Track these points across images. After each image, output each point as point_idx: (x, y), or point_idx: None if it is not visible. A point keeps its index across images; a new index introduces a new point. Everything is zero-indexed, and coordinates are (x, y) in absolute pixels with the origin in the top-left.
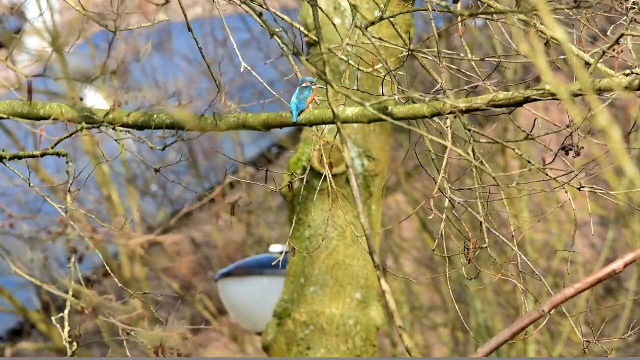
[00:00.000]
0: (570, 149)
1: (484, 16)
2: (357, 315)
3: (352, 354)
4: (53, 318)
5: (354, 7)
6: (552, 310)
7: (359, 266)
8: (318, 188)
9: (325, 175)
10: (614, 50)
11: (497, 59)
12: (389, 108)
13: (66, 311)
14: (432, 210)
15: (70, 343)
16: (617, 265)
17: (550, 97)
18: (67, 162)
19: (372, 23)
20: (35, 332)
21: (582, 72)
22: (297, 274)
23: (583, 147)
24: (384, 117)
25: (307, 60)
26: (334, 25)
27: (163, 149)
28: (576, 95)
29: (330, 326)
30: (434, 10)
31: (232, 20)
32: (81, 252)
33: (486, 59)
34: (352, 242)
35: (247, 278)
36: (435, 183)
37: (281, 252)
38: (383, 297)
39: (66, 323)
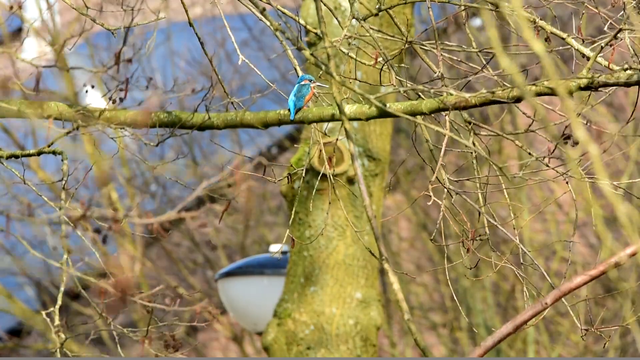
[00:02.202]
0: (569, 138)
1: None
2: (357, 315)
3: (352, 354)
4: (43, 313)
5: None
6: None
7: (359, 266)
8: (317, 188)
9: (325, 175)
10: (611, 45)
11: (495, 51)
12: (388, 105)
13: (57, 306)
14: (430, 196)
15: (57, 333)
16: (620, 257)
17: (548, 93)
18: (62, 160)
19: (373, 14)
20: (35, 332)
21: (554, 75)
22: (297, 274)
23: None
24: (386, 109)
25: (312, 54)
26: (338, 20)
27: (157, 145)
28: (572, 92)
29: (330, 326)
30: (432, 1)
31: (231, 19)
32: (104, 234)
33: (484, 50)
34: (353, 242)
35: (247, 278)
36: (434, 172)
37: (282, 252)
38: (384, 296)
39: (56, 317)
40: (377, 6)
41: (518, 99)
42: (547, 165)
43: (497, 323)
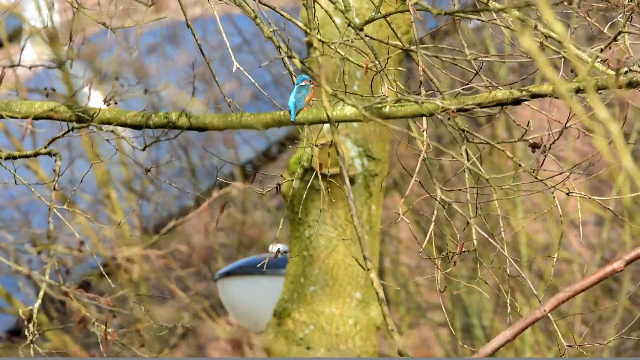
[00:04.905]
0: (537, 147)
1: (474, 16)
2: (357, 315)
3: (352, 354)
4: (20, 311)
5: (346, 7)
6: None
7: (359, 266)
8: (317, 188)
9: (325, 175)
10: (610, 48)
11: (490, 59)
12: (387, 108)
13: (36, 304)
14: (422, 214)
15: (33, 334)
16: (617, 264)
17: (546, 95)
18: (55, 162)
19: (367, 22)
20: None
21: (582, 68)
22: (297, 274)
23: (550, 148)
24: (376, 119)
25: (302, 62)
26: (335, 24)
27: (144, 149)
28: (576, 92)
29: (330, 326)
30: (420, 10)
31: (222, 23)
32: (68, 267)
33: (480, 57)
34: (352, 242)
35: (247, 278)
36: (422, 186)
37: (283, 252)
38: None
39: (34, 316)
40: (373, 12)
41: (518, 101)
42: (537, 178)
43: (496, 323)
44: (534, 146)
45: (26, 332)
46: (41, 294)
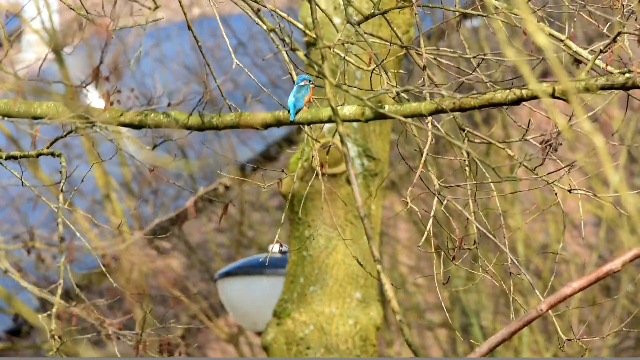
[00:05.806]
0: (550, 145)
1: (473, 12)
2: (357, 315)
3: (352, 353)
4: (40, 316)
5: (346, 3)
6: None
7: (359, 266)
8: (317, 188)
9: (325, 175)
10: (609, 48)
11: (490, 57)
12: (387, 107)
13: (54, 309)
14: (409, 202)
15: (53, 337)
16: (615, 264)
17: (544, 97)
18: (60, 163)
19: (365, 19)
20: (34, 333)
21: (564, 78)
22: (297, 274)
23: (561, 144)
24: (381, 111)
25: (306, 55)
26: (333, 24)
27: (153, 149)
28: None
29: (330, 326)
30: (420, 6)
31: (217, 24)
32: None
33: (479, 56)
34: (352, 242)
35: (247, 278)
36: (423, 178)
37: (282, 252)
38: (382, 293)
39: (53, 321)
40: (372, 10)
41: (517, 101)
42: (536, 175)
43: (496, 323)
44: (547, 143)
45: (49, 339)
46: (56, 305)
